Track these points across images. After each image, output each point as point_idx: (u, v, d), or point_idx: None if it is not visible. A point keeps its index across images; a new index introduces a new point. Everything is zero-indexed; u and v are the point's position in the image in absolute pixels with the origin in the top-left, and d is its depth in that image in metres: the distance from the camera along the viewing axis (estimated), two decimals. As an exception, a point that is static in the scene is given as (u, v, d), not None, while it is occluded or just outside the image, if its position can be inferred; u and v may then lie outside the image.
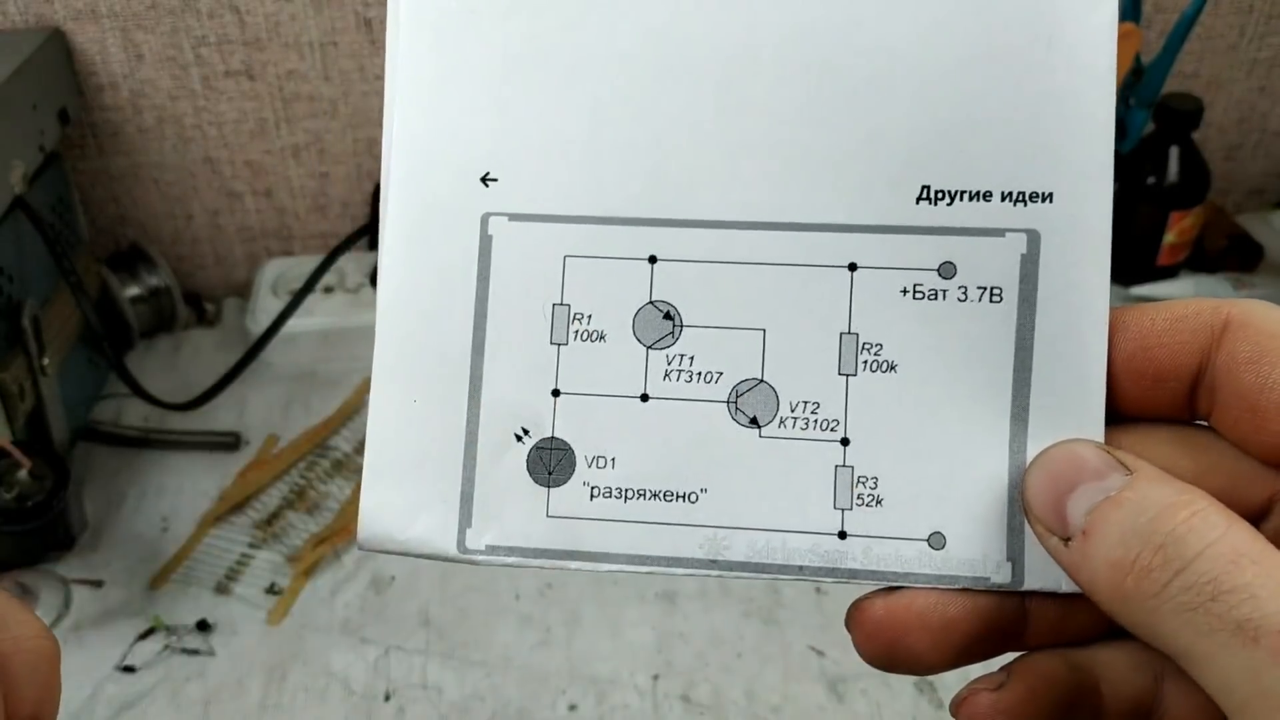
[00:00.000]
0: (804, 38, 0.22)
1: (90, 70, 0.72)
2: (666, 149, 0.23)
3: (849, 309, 0.22)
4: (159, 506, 0.64)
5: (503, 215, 0.23)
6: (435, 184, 0.23)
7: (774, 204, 0.23)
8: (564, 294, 0.23)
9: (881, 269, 0.22)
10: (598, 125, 0.23)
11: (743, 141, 0.23)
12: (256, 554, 0.60)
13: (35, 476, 0.55)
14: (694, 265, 0.23)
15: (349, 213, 0.80)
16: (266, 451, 0.67)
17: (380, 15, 0.72)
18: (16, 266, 0.60)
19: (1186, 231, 0.77)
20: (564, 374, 0.23)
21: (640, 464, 0.23)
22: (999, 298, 0.22)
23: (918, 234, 0.22)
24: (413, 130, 0.23)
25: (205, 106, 0.74)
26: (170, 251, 0.80)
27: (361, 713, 0.52)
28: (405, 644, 0.55)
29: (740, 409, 0.23)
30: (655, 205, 0.23)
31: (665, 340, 0.23)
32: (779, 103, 0.22)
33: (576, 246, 0.23)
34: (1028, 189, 0.22)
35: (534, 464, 0.23)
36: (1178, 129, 0.75)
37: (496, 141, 0.23)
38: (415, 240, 0.23)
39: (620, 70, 0.23)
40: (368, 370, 0.67)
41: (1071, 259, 0.22)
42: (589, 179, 0.23)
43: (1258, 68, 0.83)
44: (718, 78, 0.22)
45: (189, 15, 0.71)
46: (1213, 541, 0.17)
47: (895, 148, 0.22)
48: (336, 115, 0.76)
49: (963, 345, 0.22)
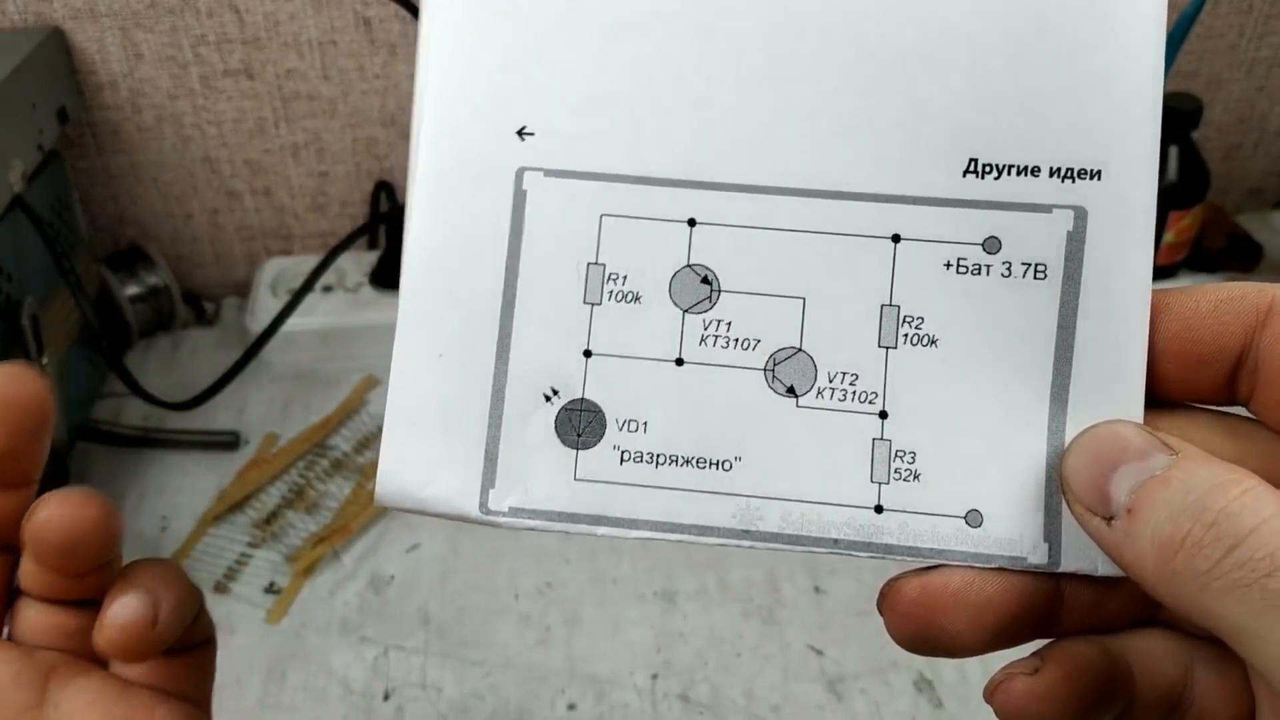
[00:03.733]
0: (853, 3, 0.22)
1: (89, 69, 0.72)
2: (709, 111, 0.22)
3: (891, 281, 0.22)
4: (158, 505, 0.64)
5: (538, 170, 0.23)
6: (470, 135, 0.23)
7: (817, 171, 0.22)
8: (599, 253, 0.23)
9: (925, 241, 0.22)
10: (639, 83, 0.22)
11: (788, 107, 0.22)
12: (255, 553, 0.60)
13: (34, 476, 0.55)
14: (734, 230, 0.22)
15: (348, 212, 0.80)
16: (266, 451, 0.67)
17: (379, 14, 0.72)
18: (15, 265, 0.60)
19: (1185, 231, 0.77)
20: (596, 334, 0.23)
21: (673, 429, 0.22)
22: (1044, 275, 0.22)
23: (963, 207, 0.22)
24: (448, 79, 0.23)
25: (204, 105, 0.74)
26: (169, 250, 0.80)
27: (360, 712, 0.52)
28: (404, 643, 0.55)
29: (778, 377, 0.22)
30: (696, 167, 0.22)
31: (702, 305, 0.22)
32: (825, 69, 0.22)
33: (614, 205, 0.22)
34: (1076, 165, 0.22)
35: (562, 425, 0.22)
36: (1177, 128, 0.75)
37: (534, 95, 0.22)
38: (446, 191, 0.23)
39: (664, 28, 0.22)
40: (367, 369, 0.71)
41: (1118, 238, 0.22)
42: (629, 137, 0.22)
43: (1257, 67, 0.83)
44: (764, 40, 0.22)
45: (188, 14, 0.71)
46: (1268, 518, 0.17)
47: (943, 119, 0.22)
48: (336, 114, 0.76)
49: (1005, 322, 0.22)
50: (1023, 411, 0.22)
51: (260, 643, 0.55)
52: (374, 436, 0.68)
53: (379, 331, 0.73)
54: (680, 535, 0.22)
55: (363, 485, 0.64)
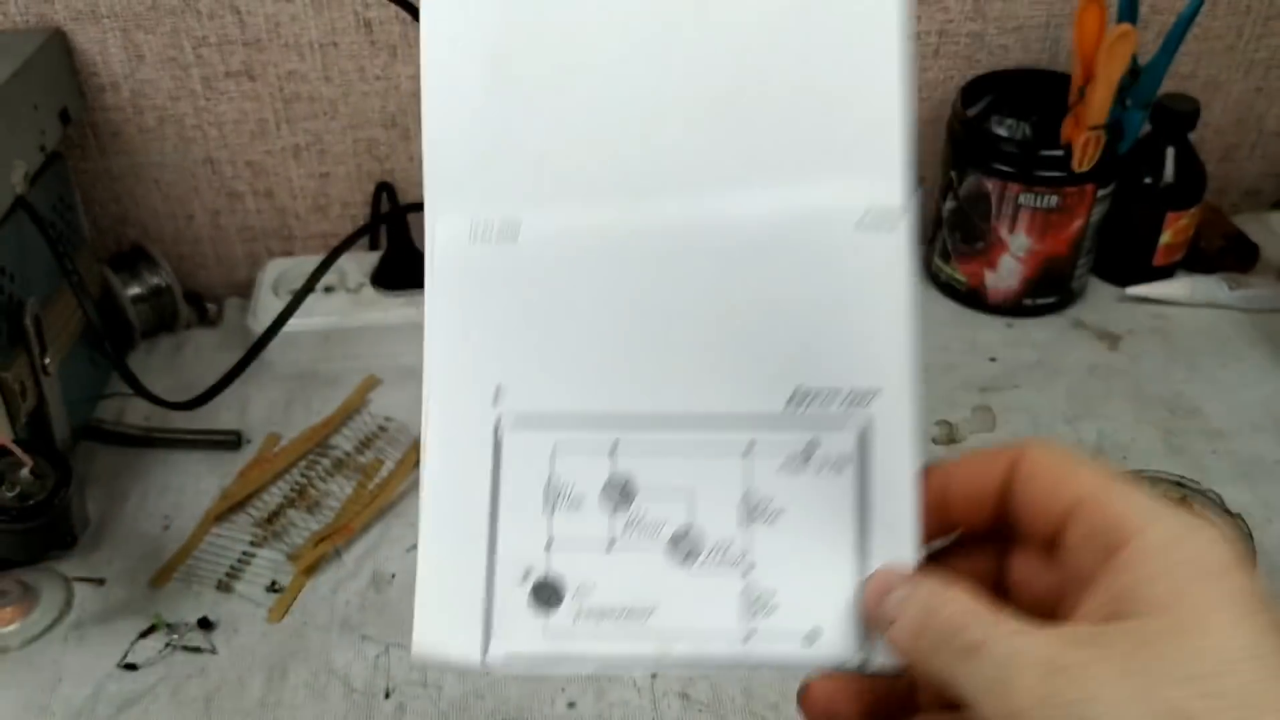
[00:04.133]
0: (712, 296, 0.33)
1: (91, 71, 0.72)
2: (627, 368, 0.33)
3: (748, 477, 0.32)
4: (161, 505, 0.64)
5: (510, 419, 0.32)
6: (462, 398, 0.33)
7: (701, 402, 0.32)
8: (552, 474, 0.32)
9: (770, 449, 0.32)
10: (579, 351, 0.33)
11: (678, 365, 0.33)
12: (258, 552, 0.61)
13: (37, 475, 0.55)
14: (645, 449, 0.32)
15: (349, 213, 0.81)
16: (267, 450, 0.67)
17: (380, 16, 0.73)
18: (18, 266, 0.61)
19: (1182, 232, 0.78)
20: (554, 531, 0.32)
21: (609, 593, 0.31)
22: (846, 468, 0.32)
23: (792, 424, 0.32)
24: (443, 366, 0.33)
25: (206, 107, 0.75)
26: (171, 251, 0.80)
27: (362, 710, 0.52)
28: (406, 641, 0.55)
29: (678, 549, 0.32)
30: (618, 407, 0.32)
31: (624, 503, 0.32)
32: (703, 346, 0.33)
33: (561, 440, 0.32)
34: (861, 389, 0.32)
35: (534, 597, 0.31)
36: (1174, 130, 0.75)
37: (506, 362, 0.33)
38: (449, 439, 0.32)
39: (595, 317, 0.33)
40: (368, 369, 0.72)
41: (892, 439, 0.31)
42: (571, 387, 0.32)
43: (1255, 69, 0.83)
44: (656, 332, 0.33)
45: (189, 16, 0.71)
46: (962, 608, 0.27)
47: (778, 366, 0.32)
48: (337, 116, 0.76)
49: (823, 501, 0.31)
50: (840, 560, 0.31)
51: (262, 641, 0.56)
52: (374, 436, 0.68)
53: (380, 332, 0.74)
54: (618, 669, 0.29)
55: (364, 485, 0.65)
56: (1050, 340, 0.75)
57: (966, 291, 0.78)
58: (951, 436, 0.67)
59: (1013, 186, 0.72)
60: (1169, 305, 0.78)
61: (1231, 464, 0.65)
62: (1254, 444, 0.66)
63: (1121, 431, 0.67)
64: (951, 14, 0.77)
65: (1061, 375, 0.72)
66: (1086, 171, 0.70)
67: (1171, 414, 0.69)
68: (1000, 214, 0.73)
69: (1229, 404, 0.69)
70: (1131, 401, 0.70)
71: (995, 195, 0.73)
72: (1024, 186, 0.71)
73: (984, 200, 0.73)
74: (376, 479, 0.65)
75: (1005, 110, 0.77)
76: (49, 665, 0.55)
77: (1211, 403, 0.70)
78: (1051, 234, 0.73)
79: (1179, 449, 0.66)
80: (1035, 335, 0.76)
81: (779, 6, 0.34)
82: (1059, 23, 0.79)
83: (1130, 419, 0.68)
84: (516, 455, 0.32)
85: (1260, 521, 0.60)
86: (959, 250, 0.77)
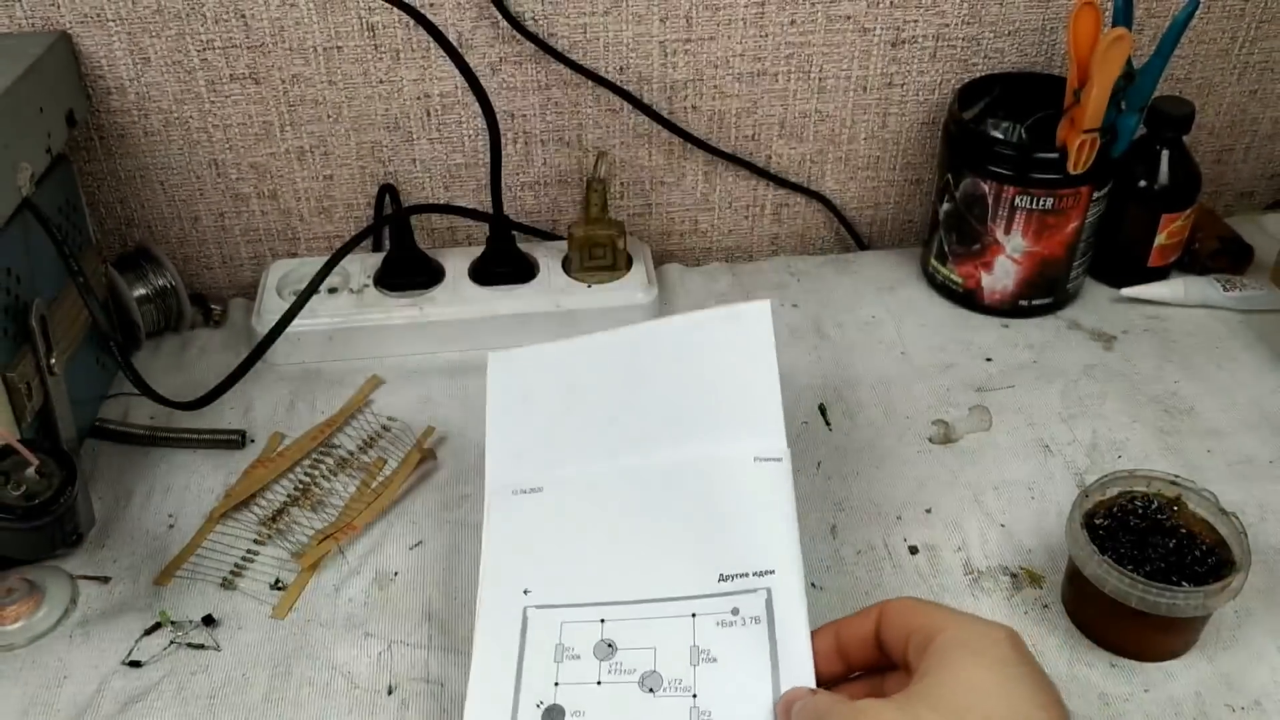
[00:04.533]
0: (662, 516, 0.53)
1: (97, 74, 0.73)
2: (608, 572, 0.52)
3: (694, 633, 0.48)
4: (165, 503, 0.65)
5: (532, 607, 0.51)
6: (504, 596, 0.52)
7: (659, 587, 0.50)
8: (561, 639, 0.50)
9: (707, 613, 0.49)
10: (580, 563, 0.53)
11: (642, 564, 0.52)
12: (262, 550, 0.61)
13: (43, 474, 0.56)
14: (623, 619, 0.50)
15: (353, 215, 0.81)
16: (271, 449, 0.68)
17: (384, 20, 0.73)
18: (25, 267, 0.61)
19: (1176, 234, 0.78)
20: (561, 675, 0.48)
21: (597, 714, 0.47)
22: (759, 623, 0.48)
23: (722, 595, 0.49)
24: (497, 566, 0.53)
25: (211, 110, 0.75)
26: (177, 252, 0.81)
27: (365, 706, 0.53)
28: (409, 639, 0.56)
29: (645, 684, 0.47)
30: (603, 597, 0.51)
31: (609, 655, 0.49)
32: (659, 551, 0.52)
33: (567, 618, 0.50)
34: (763, 569, 0.49)
35: (545, 717, 0.47)
36: (1169, 132, 0.76)
37: (531, 572, 0.53)
38: (493, 622, 0.51)
39: (581, 549, 0.53)
40: (372, 369, 0.76)
41: (787, 601, 0.48)
42: (574, 585, 0.52)
43: (1249, 72, 0.84)
44: (627, 544, 0.53)
45: (195, 20, 0.72)
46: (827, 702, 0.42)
47: (710, 560, 0.51)
48: (341, 119, 0.77)
49: (748, 647, 0.47)
50: (759, 689, 0.46)
51: (266, 638, 0.56)
52: (378, 436, 0.69)
53: (383, 332, 0.75)
54: None
55: (367, 484, 0.65)
56: (1046, 341, 0.76)
57: (963, 292, 0.78)
58: (948, 436, 0.68)
59: (1009, 189, 0.72)
60: (1164, 306, 0.79)
61: (1226, 463, 0.66)
62: (1248, 443, 0.67)
63: (1117, 431, 0.68)
64: (948, 18, 0.78)
65: (1057, 375, 0.73)
66: (1082, 174, 0.71)
67: (1166, 414, 0.69)
68: (996, 216, 0.74)
69: (1223, 404, 0.70)
70: (1126, 401, 0.70)
71: (991, 197, 0.73)
72: (1020, 189, 0.72)
73: (980, 202, 0.74)
74: (379, 478, 0.65)
75: (1001, 113, 0.78)
76: (54, 663, 0.55)
77: (1206, 402, 0.70)
78: (1047, 236, 0.74)
79: (1174, 448, 0.67)
80: (1031, 336, 0.76)
81: (695, 339, 0.57)
82: (1054, 26, 0.79)
83: (1125, 419, 0.69)
84: (537, 627, 0.50)
85: (1254, 520, 0.61)
86: (955, 252, 0.77)
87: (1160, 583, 0.51)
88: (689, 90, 0.79)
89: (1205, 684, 0.53)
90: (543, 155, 0.80)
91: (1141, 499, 0.56)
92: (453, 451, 0.68)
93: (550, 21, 0.75)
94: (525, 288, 0.76)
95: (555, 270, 0.78)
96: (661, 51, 0.77)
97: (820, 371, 0.74)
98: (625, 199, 0.83)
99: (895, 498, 0.64)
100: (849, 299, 0.80)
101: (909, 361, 0.74)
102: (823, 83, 0.80)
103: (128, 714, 0.53)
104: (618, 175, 0.82)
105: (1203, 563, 0.53)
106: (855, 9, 0.77)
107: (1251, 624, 0.56)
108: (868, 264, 0.84)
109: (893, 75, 0.80)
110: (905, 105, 0.82)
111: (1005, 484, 0.64)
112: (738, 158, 0.82)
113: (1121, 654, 0.54)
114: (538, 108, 0.78)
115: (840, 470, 0.66)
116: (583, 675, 0.48)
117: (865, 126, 0.82)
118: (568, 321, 0.75)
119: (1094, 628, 0.55)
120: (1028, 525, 0.62)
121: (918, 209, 0.87)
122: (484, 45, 0.75)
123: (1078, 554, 0.54)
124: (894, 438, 0.68)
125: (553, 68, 0.76)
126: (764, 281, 0.83)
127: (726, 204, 0.85)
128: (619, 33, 0.76)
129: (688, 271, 0.84)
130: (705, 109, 0.80)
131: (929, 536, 0.61)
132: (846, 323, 0.78)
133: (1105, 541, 0.54)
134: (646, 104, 0.78)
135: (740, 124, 0.81)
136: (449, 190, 0.81)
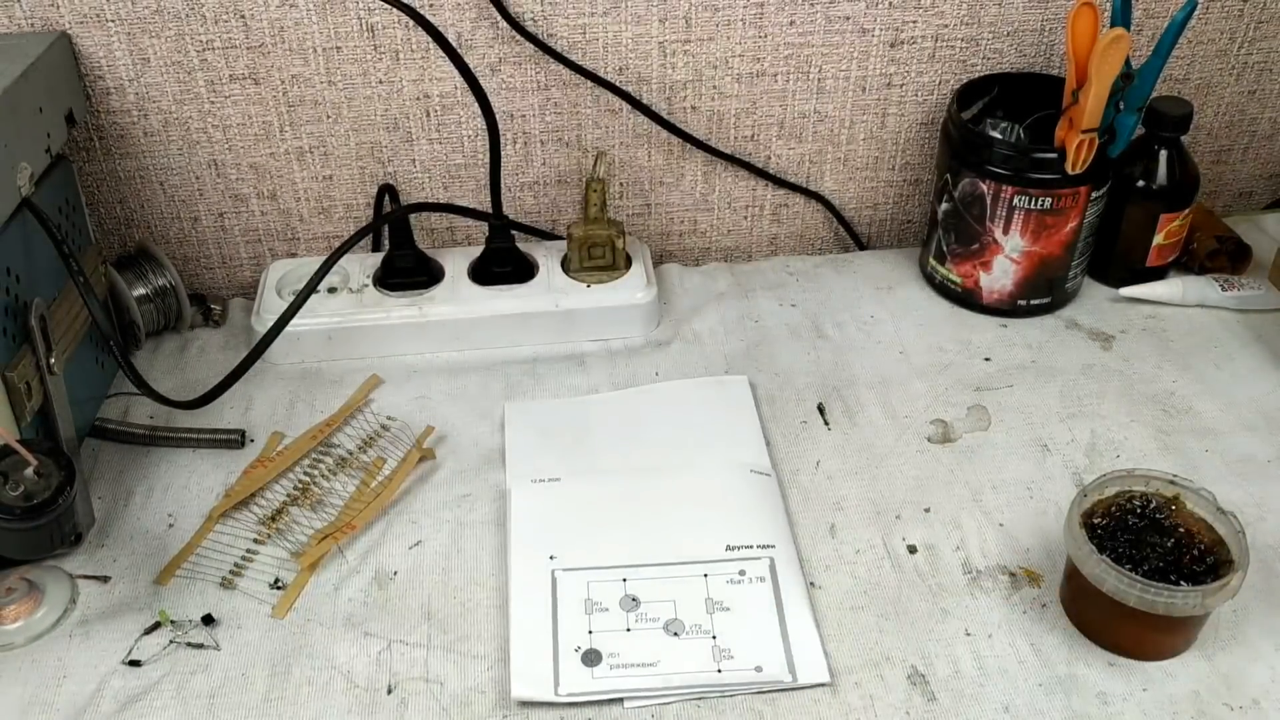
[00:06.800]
0: (680, 503, 0.64)
1: (97, 74, 0.73)
2: (628, 537, 0.61)
3: (707, 588, 0.58)
4: (165, 503, 0.65)
5: (560, 569, 0.59)
6: (532, 559, 0.60)
7: (677, 552, 0.60)
8: (589, 594, 0.58)
9: (718, 574, 0.58)
10: (604, 529, 0.62)
11: (661, 533, 0.61)
12: (261, 550, 0.61)
13: (42, 474, 0.56)
14: (645, 578, 0.58)
15: (353, 215, 0.82)
16: (271, 449, 0.68)
17: (383, 21, 0.73)
18: (24, 267, 0.61)
19: (1175, 233, 0.78)
20: (593, 625, 0.56)
21: (629, 655, 0.54)
22: (764, 582, 0.58)
23: (729, 561, 0.59)
24: (523, 532, 0.61)
25: (211, 110, 0.75)
26: (177, 253, 0.81)
27: (364, 705, 0.53)
28: (408, 638, 0.56)
29: (671, 630, 0.55)
30: (628, 557, 0.60)
31: (634, 608, 0.57)
32: (675, 525, 0.62)
33: (592, 578, 0.59)
34: (765, 543, 0.60)
35: (584, 660, 0.54)
36: (1167, 132, 0.76)
37: (557, 541, 0.61)
38: (525, 580, 0.59)
39: (611, 511, 0.63)
40: (371, 369, 0.76)
41: (787, 569, 0.59)
42: (600, 549, 0.60)
43: (1247, 72, 0.84)
44: (645, 520, 0.63)
45: (194, 20, 0.72)
46: None
47: (719, 534, 0.61)
48: (340, 119, 0.77)
49: (756, 599, 0.57)
50: (768, 628, 0.56)
51: (266, 637, 0.56)
52: (377, 435, 0.69)
53: (382, 332, 0.75)
54: (640, 702, 0.53)
55: (366, 483, 0.65)
56: (1044, 340, 0.76)
57: (961, 292, 0.78)
58: (947, 435, 0.68)
59: (1007, 188, 0.72)
60: (1162, 306, 0.79)
61: (1224, 462, 0.66)
62: (1246, 443, 0.67)
63: (1115, 431, 0.68)
64: (947, 19, 0.78)
65: (1055, 375, 0.73)
66: (1080, 174, 0.71)
67: (1165, 413, 0.69)
68: (995, 216, 0.74)
69: (1221, 403, 0.70)
70: (1125, 401, 0.70)
71: (990, 197, 0.73)
72: (1018, 189, 0.72)
73: (979, 202, 0.74)
74: (379, 477, 0.66)
75: (1000, 113, 0.78)
76: (54, 662, 0.55)
77: (1204, 402, 0.70)
78: (1046, 235, 0.74)
79: (1172, 448, 0.67)
80: (1029, 335, 0.76)
81: (688, 395, 0.71)
82: (1053, 26, 0.79)
83: (1124, 418, 0.69)
84: (566, 586, 0.58)
85: (1253, 519, 0.61)
86: (954, 251, 0.77)
87: (1158, 582, 0.51)
88: (688, 91, 0.79)
89: (1203, 683, 0.53)
90: (542, 155, 0.80)
91: (1140, 498, 0.56)
92: (452, 451, 0.68)
93: (550, 22, 0.75)
94: (524, 287, 0.76)
95: (554, 270, 0.78)
96: (661, 52, 0.77)
97: (819, 371, 0.74)
98: (624, 199, 0.83)
99: (894, 497, 0.64)
100: (848, 299, 0.81)
101: (908, 361, 0.75)
102: (822, 83, 0.80)
103: (127, 713, 0.53)
104: (617, 175, 0.82)
105: (1201, 562, 0.53)
106: (854, 10, 0.77)
107: (1249, 623, 0.56)
108: (866, 264, 0.84)
109: (891, 76, 0.80)
110: (904, 105, 0.82)
111: (1004, 483, 0.65)
112: (737, 158, 0.82)
113: (1120, 653, 0.54)
114: (537, 108, 0.78)
115: (839, 469, 0.66)
116: (612, 624, 0.56)
117: (864, 127, 0.82)
118: (567, 321, 0.75)
119: (1092, 627, 0.55)
120: (1026, 524, 0.62)
121: (916, 209, 0.87)
122: (483, 46, 0.75)
123: (1076, 553, 0.54)
124: (893, 437, 0.68)
125: (552, 68, 0.76)
126: (763, 281, 0.83)
127: (725, 204, 0.85)
128: (618, 33, 0.76)
129: (687, 271, 0.84)
130: (704, 109, 0.80)
131: (928, 536, 0.61)
132: (845, 322, 0.78)
133: (1103, 541, 0.54)
134: (646, 104, 0.78)
135: (739, 124, 0.81)
136: (448, 190, 0.81)
